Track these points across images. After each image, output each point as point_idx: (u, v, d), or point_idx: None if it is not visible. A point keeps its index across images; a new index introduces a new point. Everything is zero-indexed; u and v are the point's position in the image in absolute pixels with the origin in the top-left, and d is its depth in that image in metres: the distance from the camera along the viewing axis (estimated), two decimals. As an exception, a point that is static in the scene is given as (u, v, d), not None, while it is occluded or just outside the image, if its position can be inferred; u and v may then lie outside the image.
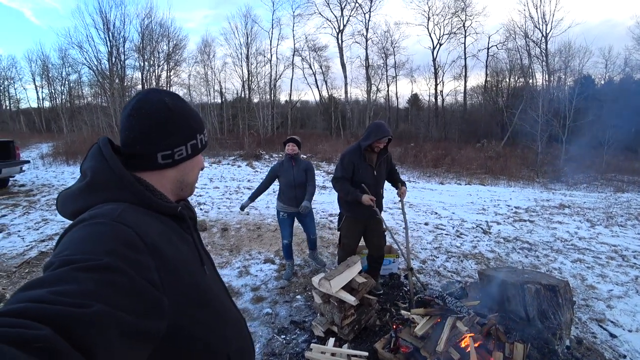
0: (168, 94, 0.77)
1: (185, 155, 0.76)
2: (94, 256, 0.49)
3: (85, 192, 0.66)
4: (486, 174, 12.55)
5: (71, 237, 0.55)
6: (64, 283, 0.44)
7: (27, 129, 31.51)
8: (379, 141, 2.88)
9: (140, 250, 0.56)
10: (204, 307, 0.68)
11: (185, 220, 0.76)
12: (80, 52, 23.80)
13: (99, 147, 0.68)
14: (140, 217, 0.63)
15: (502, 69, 25.54)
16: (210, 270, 0.82)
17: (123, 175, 0.65)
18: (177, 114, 0.74)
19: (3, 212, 6.32)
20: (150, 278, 0.54)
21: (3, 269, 3.96)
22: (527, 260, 4.29)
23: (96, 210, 0.61)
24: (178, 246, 0.68)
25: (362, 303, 2.56)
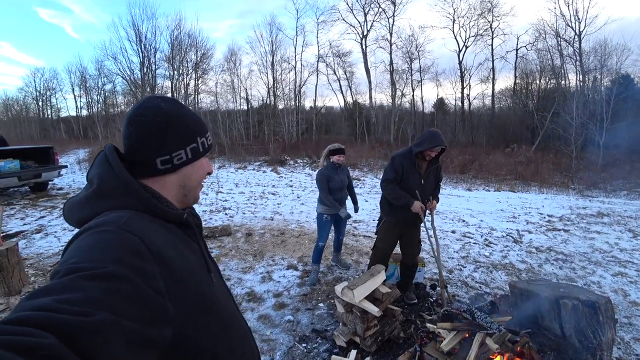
0: (164, 99, 0.76)
1: (186, 159, 0.75)
2: (100, 264, 0.49)
3: (91, 199, 0.66)
4: (516, 180, 12.06)
5: (78, 244, 0.56)
6: (69, 291, 0.44)
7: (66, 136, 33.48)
8: (431, 149, 2.82)
9: (146, 257, 0.55)
10: (209, 315, 0.68)
11: (191, 228, 0.76)
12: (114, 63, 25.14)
13: (105, 155, 0.69)
14: (146, 224, 0.63)
15: (532, 70, 24.56)
16: (217, 278, 0.81)
17: (129, 183, 0.65)
18: (174, 118, 0.74)
19: (42, 213, 6.71)
20: (155, 286, 0.54)
21: (40, 267, 4.18)
22: (562, 272, 4.06)
23: (102, 218, 0.61)
24: (184, 254, 0.67)
25: (386, 314, 2.49)
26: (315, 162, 15.21)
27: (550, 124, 18.27)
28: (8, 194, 8.58)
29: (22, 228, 5.73)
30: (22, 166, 7.89)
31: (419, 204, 2.85)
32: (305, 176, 12.30)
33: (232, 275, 3.85)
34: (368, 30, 25.83)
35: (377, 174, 12.62)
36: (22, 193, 8.70)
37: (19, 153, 8.18)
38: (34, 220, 6.20)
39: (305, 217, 6.43)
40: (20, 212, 6.84)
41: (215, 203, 7.54)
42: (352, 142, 23.66)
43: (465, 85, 26.12)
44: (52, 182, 9.45)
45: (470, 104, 26.93)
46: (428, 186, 3.01)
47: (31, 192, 8.76)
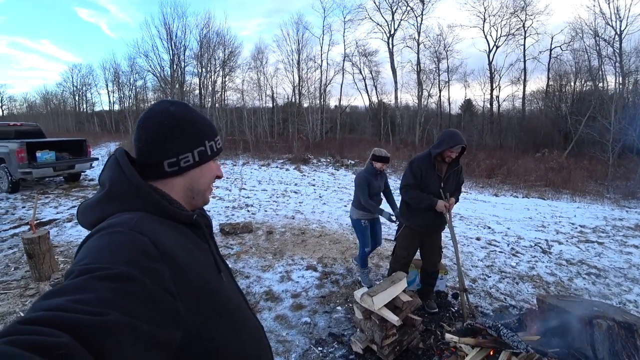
0: (173, 103, 0.77)
1: (193, 162, 0.75)
2: (111, 265, 0.50)
3: (103, 202, 0.67)
4: (547, 186, 11.55)
5: (90, 245, 0.57)
6: (82, 292, 0.45)
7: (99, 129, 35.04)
8: (451, 150, 2.72)
9: (156, 258, 0.56)
10: (221, 315, 0.68)
11: (201, 228, 0.76)
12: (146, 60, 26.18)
13: (116, 158, 0.70)
14: (156, 225, 0.64)
15: (566, 71, 23.45)
16: (228, 278, 0.81)
17: (139, 185, 0.67)
18: (182, 121, 0.74)
19: (74, 203, 7.03)
20: (166, 287, 0.54)
21: (69, 255, 4.36)
22: (595, 288, 3.84)
23: (114, 219, 0.62)
24: (194, 254, 0.68)
25: (406, 323, 2.43)
26: (338, 161, 15.16)
27: (585, 129, 17.38)
28: (44, 183, 9.07)
29: (55, 216, 6.03)
30: (57, 157, 8.32)
31: (443, 202, 2.76)
32: (328, 175, 12.27)
33: (251, 273, 3.89)
34: (395, 29, 25.49)
35: (400, 175, 12.43)
36: (56, 183, 9.17)
37: (54, 145, 8.62)
38: (66, 209, 6.50)
39: (326, 217, 6.41)
40: (54, 201, 7.20)
41: (238, 199, 7.65)
42: (376, 142, 23.44)
43: (494, 87, 25.34)
44: (84, 174, 9.92)
45: (499, 106, 26.11)
46: (448, 189, 2.92)
47: (65, 182, 9.22)
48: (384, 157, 3.47)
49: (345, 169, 13.78)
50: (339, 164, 14.74)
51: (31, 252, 3.52)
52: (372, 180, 3.49)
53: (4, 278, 3.68)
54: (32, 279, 3.60)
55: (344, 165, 14.55)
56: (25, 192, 7.88)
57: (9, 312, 3.01)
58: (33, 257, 3.54)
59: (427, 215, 2.89)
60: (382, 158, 3.46)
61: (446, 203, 2.77)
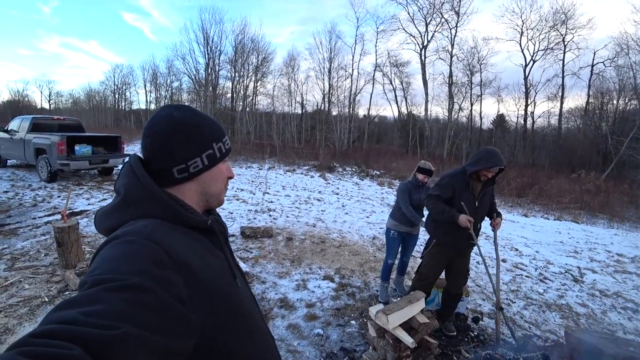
0: (178, 108, 0.76)
1: (202, 167, 0.75)
2: (124, 276, 0.51)
3: (118, 209, 0.68)
4: (581, 209, 10.94)
5: (104, 255, 0.57)
6: (95, 303, 0.46)
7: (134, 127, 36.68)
8: (488, 170, 2.61)
9: (169, 267, 0.56)
10: (234, 321, 0.68)
11: (215, 235, 0.76)
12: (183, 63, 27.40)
13: (130, 165, 0.71)
14: (170, 233, 0.64)
15: (609, 89, 22.30)
16: (242, 284, 0.81)
17: (154, 192, 0.67)
18: (187, 126, 0.74)
19: (105, 196, 7.36)
20: (178, 295, 0.54)
21: (95, 246, 4.51)
22: (631, 324, 3.56)
23: (128, 227, 0.62)
24: (208, 260, 0.68)
25: (421, 345, 2.35)
26: (363, 171, 15.06)
27: (627, 150, 16.41)
28: (80, 175, 9.58)
29: (87, 207, 6.32)
30: (93, 152, 8.79)
31: (465, 217, 2.60)
32: (353, 185, 12.20)
33: (267, 279, 3.90)
34: (429, 40, 25.26)
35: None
36: (91, 175, 9.66)
37: (92, 140, 9.12)
38: (98, 202, 6.81)
39: (348, 227, 6.36)
40: (87, 192, 7.57)
41: (261, 203, 7.74)
42: (403, 154, 23.15)
43: (529, 102, 24.46)
44: (117, 168, 10.38)
45: (533, 122, 25.16)
46: (482, 208, 2.80)
47: (99, 175, 9.71)
48: (427, 169, 3.49)
49: (370, 180, 13.65)
50: (364, 174, 14.64)
51: (61, 241, 3.68)
52: (413, 191, 3.50)
53: (34, 263, 3.87)
54: (60, 266, 3.76)
55: (369, 175, 14.43)
56: (62, 182, 8.34)
57: (34, 296, 3.15)
58: (62, 245, 3.69)
59: (457, 236, 2.76)
60: (425, 170, 3.49)
61: (469, 218, 2.61)
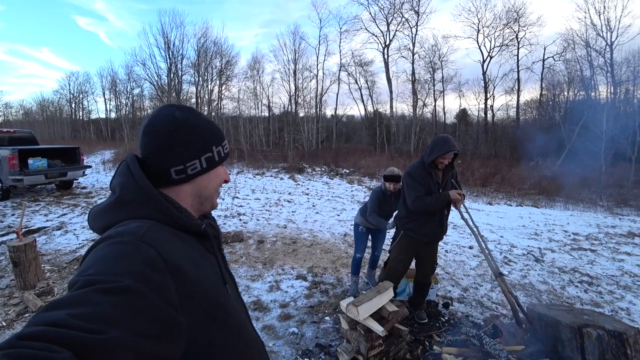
0: (180, 108, 0.75)
1: (200, 169, 0.74)
2: (115, 277, 0.49)
3: (113, 208, 0.67)
4: (540, 194, 11.58)
5: (96, 255, 0.56)
6: (84, 305, 0.45)
7: (95, 137, 34.89)
8: (443, 157, 2.66)
9: (162, 270, 0.55)
10: (223, 327, 0.67)
11: (209, 239, 0.75)
12: (143, 68, 26.21)
13: (127, 164, 0.69)
14: (165, 235, 0.63)
15: (559, 81, 23.68)
16: (233, 291, 0.80)
17: (150, 192, 0.66)
18: (188, 127, 0.73)
19: (65, 210, 6.95)
20: (169, 299, 0.54)
21: (56, 263, 4.29)
22: (587, 296, 3.80)
23: (122, 227, 0.61)
24: (200, 265, 0.67)
25: (392, 333, 2.38)
26: (333, 170, 15.14)
27: (578, 138, 17.55)
28: (35, 190, 8.98)
29: (45, 224, 5.94)
30: (49, 165, 8.26)
31: (454, 191, 2.72)
32: (323, 184, 12.24)
33: (240, 283, 3.82)
34: (390, 39, 25.76)
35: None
36: (48, 190, 9.07)
37: (47, 152, 8.57)
38: (57, 217, 6.42)
39: (319, 227, 6.36)
40: (45, 208, 7.11)
41: (230, 208, 7.59)
42: (372, 151, 23.51)
43: (488, 96, 25.54)
44: (77, 181, 9.84)
45: (493, 115, 26.28)
46: None
47: (57, 189, 9.14)
48: (394, 176, 3.27)
49: (340, 178, 13.75)
50: (334, 173, 14.72)
51: (17, 260, 3.47)
52: (384, 201, 3.35)
53: (-14, 287, 3.59)
54: (17, 288, 3.53)
55: (338, 174, 14.53)
56: (15, 199, 7.79)
57: (-13, 323, 2.93)
58: (18, 265, 3.48)
59: (431, 225, 2.83)
60: (391, 177, 3.27)
61: (458, 191, 2.73)
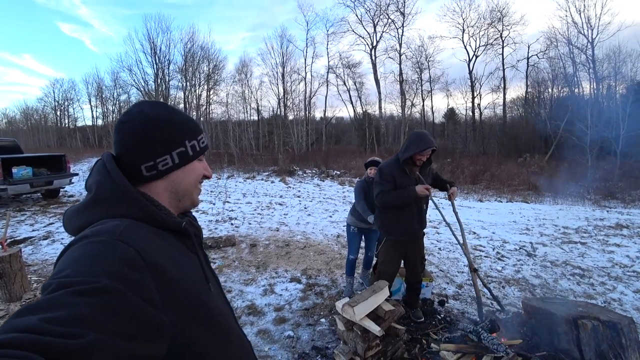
0: (151, 104, 0.73)
1: (172, 165, 0.72)
2: (92, 278, 0.47)
3: (89, 207, 0.65)
4: (529, 190, 11.74)
5: (71, 255, 0.54)
6: (58, 308, 0.42)
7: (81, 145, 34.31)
8: (421, 153, 2.57)
9: (141, 269, 0.53)
10: (206, 325, 0.65)
11: (189, 237, 0.73)
12: (129, 74, 25.95)
13: (103, 162, 0.68)
14: (143, 233, 0.61)
15: (544, 78, 24.22)
16: (216, 289, 0.78)
17: (127, 190, 0.64)
18: (158, 122, 0.71)
19: (51, 220, 6.77)
20: (150, 298, 0.52)
21: (43, 274, 4.17)
22: (580, 288, 3.84)
23: (99, 226, 0.59)
24: (180, 263, 0.65)
25: (389, 333, 2.35)
26: (324, 172, 15.13)
27: (563, 133, 17.86)
28: (21, 200, 8.74)
29: (30, 234, 5.78)
30: (34, 173, 8.05)
31: (421, 186, 2.56)
32: (314, 187, 12.20)
33: (233, 287, 3.76)
34: (377, 41, 25.98)
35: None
36: (34, 200, 8.84)
37: (32, 160, 8.36)
38: (43, 227, 6.25)
39: (311, 229, 6.32)
40: (31, 218, 6.92)
41: (221, 213, 7.50)
42: (362, 152, 23.58)
43: (475, 95, 25.92)
44: (63, 190, 9.61)
45: (481, 113, 26.65)
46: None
47: (43, 198, 8.91)
48: (373, 161, 3.48)
49: (331, 180, 13.74)
50: (325, 175, 14.71)
51: (1, 272, 3.35)
52: (369, 189, 3.40)
53: (-31, 302, 3.46)
54: (2, 300, 3.41)
55: (329, 176, 14.53)
56: (0, 209, 7.56)
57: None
58: (3, 276, 3.37)
59: (408, 222, 2.77)
60: (371, 163, 3.48)
61: (425, 186, 2.58)
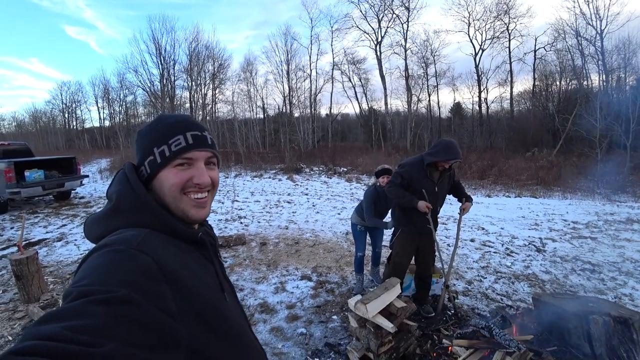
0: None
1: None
2: (111, 287, 0.49)
3: (109, 216, 0.67)
4: (538, 185, 11.64)
5: (90, 264, 0.55)
6: (79, 317, 0.44)
7: (89, 146, 34.73)
8: (446, 162, 2.71)
9: (158, 279, 0.55)
10: (223, 336, 0.66)
11: (206, 247, 0.75)
12: (135, 75, 26.12)
13: (124, 172, 0.70)
14: (161, 243, 0.62)
15: (551, 71, 23.83)
16: (231, 298, 0.79)
17: (146, 201, 0.66)
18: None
19: (64, 221, 6.91)
20: (167, 308, 0.53)
21: (59, 275, 4.27)
22: (590, 283, 3.84)
23: (117, 236, 0.60)
24: (197, 273, 0.67)
25: (401, 329, 2.40)
26: (331, 169, 15.16)
27: (572, 127, 17.66)
28: (33, 202, 8.92)
29: (45, 236, 5.91)
30: (46, 176, 8.19)
31: (424, 203, 2.74)
32: (321, 184, 12.25)
33: (245, 286, 3.83)
34: (382, 36, 25.84)
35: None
36: (46, 202, 9.01)
37: (43, 163, 8.52)
38: (56, 229, 6.38)
39: (320, 226, 6.37)
40: (44, 220, 7.07)
41: (230, 212, 7.59)
42: (368, 149, 23.55)
43: (482, 89, 25.65)
44: (74, 191, 9.78)
45: (488, 107, 26.40)
46: (442, 192, 2.95)
47: (55, 200, 9.08)
48: (384, 170, 3.43)
49: (338, 177, 13.77)
50: (332, 172, 14.74)
51: (19, 274, 3.45)
52: (379, 199, 3.40)
53: (-9, 302, 3.58)
54: (21, 301, 3.51)
55: (336, 173, 14.55)
56: (14, 212, 7.73)
57: (-5, 337, 2.91)
58: (21, 278, 3.46)
59: (421, 220, 2.90)
60: (382, 171, 3.42)
61: (428, 205, 2.74)
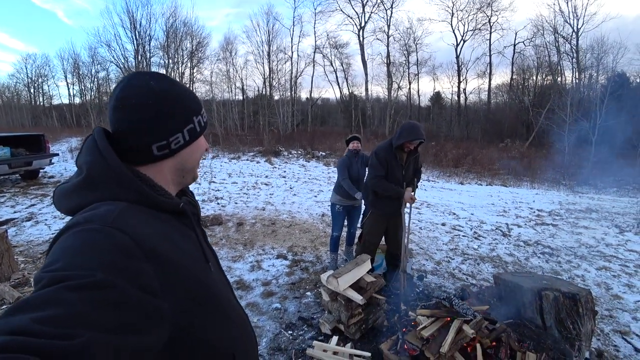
0: (154, 77, 0.68)
1: (183, 143, 0.69)
2: (85, 271, 0.45)
3: (80, 189, 0.61)
4: (509, 174, 12.15)
5: (62, 245, 0.51)
6: (51, 306, 0.40)
7: (58, 124, 33.02)
8: (410, 142, 2.89)
9: (138, 257, 0.52)
10: (208, 305, 0.65)
11: (187, 217, 0.71)
12: (108, 50, 24.91)
13: (94, 140, 0.62)
14: (139, 217, 0.59)
15: (529, 66, 24.69)
16: (215, 268, 0.78)
17: (121, 172, 0.60)
18: (167, 97, 0.67)
19: (33, 201, 6.64)
20: (148, 286, 0.50)
21: (30, 255, 4.15)
22: (548, 265, 4.12)
23: (91, 212, 0.56)
24: (179, 245, 0.63)
25: (371, 302, 2.52)
26: (309, 153, 15.19)
27: (544, 120, 18.37)
28: (-1, 180, 8.50)
29: (13, 216, 5.68)
30: (12, 154, 7.78)
31: (409, 195, 2.99)
32: (299, 167, 12.28)
33: (222, 264, 3.84)
34: (366, 21, 25.70)
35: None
36: (12, 181, 8.59)
37: (9, 140, 8.07)
38: (25, 208, 6.14)
39: (297, 208, 6.44)
40: (11, 200, 6.76)
41: (207, 193, 7.52)
42: (348, 134, 23.56)
43: (461, 80, 26.18)
44: (43, 170, 9.35)
45: (466, 98, 27.03)
46: (408, 176, 3.14)
47: (22, 180, 8.66)
48: (354, 137, 3.75)
49: (316, 161, 13.84)
50: (310, 155, 14.78)
51: (-12, 253, 3.34)
52: (352, 162, 3.60)
53: (-47, 279, 3.45)
54: (-10, 280, 3.40)
55: (314, 157, 14.61)
56: (-24, 190, 7.36)
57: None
58: (-10, 258, 3.35)
59: (394, 204, 3.09)
60: (352, 138, 3.74)
61: (413, 197, 3.00)
